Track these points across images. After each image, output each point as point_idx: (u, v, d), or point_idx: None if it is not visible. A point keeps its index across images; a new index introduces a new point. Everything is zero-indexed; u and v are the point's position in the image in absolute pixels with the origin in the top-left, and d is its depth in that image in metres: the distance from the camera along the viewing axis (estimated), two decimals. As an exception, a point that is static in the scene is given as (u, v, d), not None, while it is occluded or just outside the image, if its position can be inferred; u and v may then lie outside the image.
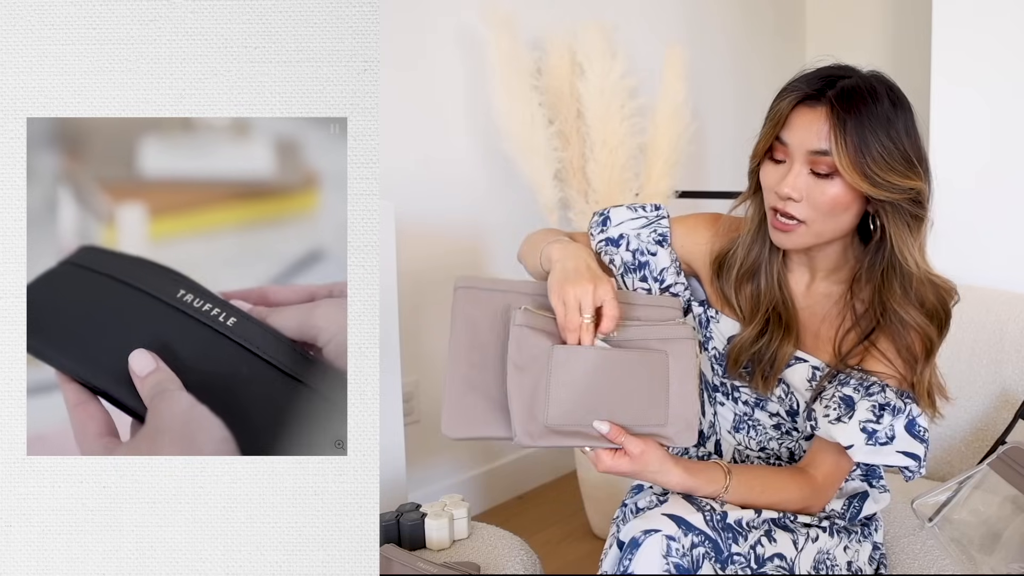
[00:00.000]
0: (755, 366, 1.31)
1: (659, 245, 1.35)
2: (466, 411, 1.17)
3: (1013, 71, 2.01)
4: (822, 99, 1.19)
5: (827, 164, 1.18)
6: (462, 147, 2.47)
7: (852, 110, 1.17)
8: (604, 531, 2.35)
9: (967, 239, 1.99)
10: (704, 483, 1.22)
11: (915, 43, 3.02)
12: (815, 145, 1.18)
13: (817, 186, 1.19)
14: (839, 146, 1.16)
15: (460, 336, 1.20)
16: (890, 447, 1.22)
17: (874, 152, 1.16)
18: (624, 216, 1.38)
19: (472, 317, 1.20)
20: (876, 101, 1.18)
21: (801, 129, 1.19)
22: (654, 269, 1.35)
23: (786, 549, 1.23)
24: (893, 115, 1.18)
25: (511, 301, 1.21)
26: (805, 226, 1.22)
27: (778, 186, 1.21)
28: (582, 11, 2.57)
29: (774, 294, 1.30)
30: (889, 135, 1.17)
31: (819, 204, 1.20)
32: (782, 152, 1.22)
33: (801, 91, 1.20)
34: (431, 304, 2.34)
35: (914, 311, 1.23)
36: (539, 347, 1.16)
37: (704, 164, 3.10)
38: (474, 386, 1.17)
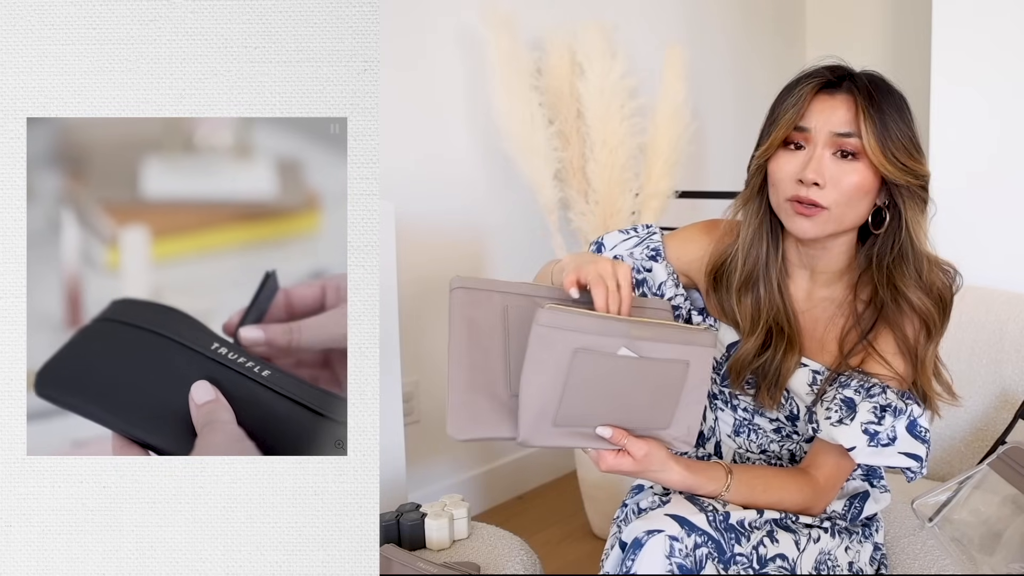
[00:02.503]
0: (760, 380, 1.31)
1: (653, 260, 1.36)
2: (471, 412, 1.15)
3: (1013, 71, 2.01)
4: (842, 86, 1.22)
5: (853, 145, 1.21)
6: (462, 147, 2.47)
7: (873, 96, 1.21)
8: (604, 531, 2.35)
9: (966, 239, 1.99)
10: (705, 481, 1.22)
11: (915, 43, 3.02)
12: (839, 128, 1.21)
13: (840, 170, 1.21)
14: (868, 127, 1.20)
15: (460, 337, 1.18)
16: (892, 448, 1.22)
17: (893, 136, 1.20)
18: (616, 239, 1.39)
19: (471, 317, 1.19)
20: (890, 91, 1.23)
21: (823, 114, 1.22)
22: (652, 284, 1.35)
23: (788, 550, 1.23)
24: (903, 104, 1.23)
25: (509, 302, 1.20)
26: (827, 212, 1.22)
27: (802, 172, 1.21)
28: (582, 11, 2.57)
29: (775, 303, 1.30)
30: (904, 121, 1.22)
31: (843, 187, 1.21)
32: (802, 138, 1.23)
33: (822, 76, 1.23)
34: (431, 304, 2.34)
35: (923, 295, 1.25)
36: (562, 348, 1.13)
37: (704, 164, 3.10)
38: (478, 387, 1.16)
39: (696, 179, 2.98)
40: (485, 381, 1.16)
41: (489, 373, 1.17)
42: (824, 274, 1.31)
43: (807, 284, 1.32)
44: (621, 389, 1.15)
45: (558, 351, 1.12)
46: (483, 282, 1.22)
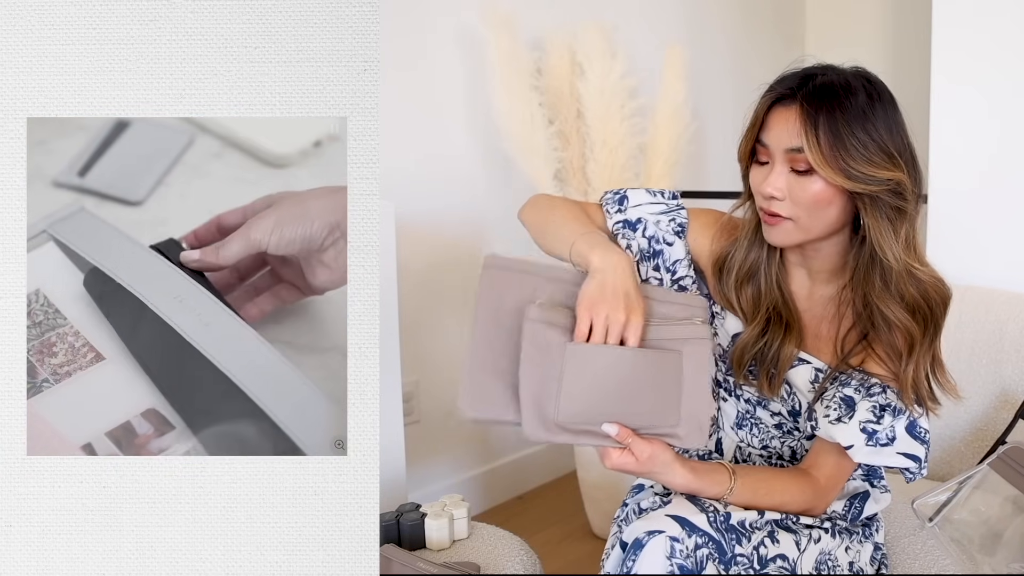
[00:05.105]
0: (760, 367, 1.31)
1: (676, 236, 1.34)
2: (485, 392, 1.16)
3: (1013, 71, 2.00)
4: (795, 97, 1.20)
5: (804, 161, 1.19)
6: (462, 147, 2.47)
7: (823, 106, 1.17)
8: (604, 531, 2.35)
9: (967, 239, 1.99)
10: (709, 485, 1.22)
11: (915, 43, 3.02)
12: (790, 143, 1.19)
13: (798, 183, 1.20)
14: (811, 142, 1.17)
15: (485, 317, 1.18)
16: (891, 448, 1.22)
17: (848, 145, 1.17)
18: (642, 198, 1.36)
19: (499, 299, 1.18)
20: (850, 95, 1.18)
21: (777, 128, 1.21)
22: (668, 259, 1.34)
23: (789, 550, 1.23)
24: (869, 109, 1.19)
25: (540, 286, 1.19)
26: (792, 223, 1.22)
27: (761, 187, 1.22)
28: (582, 11, 2.57)
29: (773, 295, 1.30)
30: (864, 128, 1.18)
31: (801, 201, 1.20)
32: (764, 154, 1.23)
33: (775, 92, 1.22)
34: (431, 304, 2.34)
35: (894, 306, 1.23)
36: (554, 343, 1.14)
37: (704, 164, 3.10)
38: (495, 369, 1.16)
39: (696, 179, 2.97)
40: (504, 365, 1.16)
41: (508, 358, 1.16)
42: (822, 273, 1.31)
43: (807, 282, 1.32)
44: (621, 384, 1.15)
45: (549, 346, 1.13)
46: (517, 263, 1.21)
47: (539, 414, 1.14)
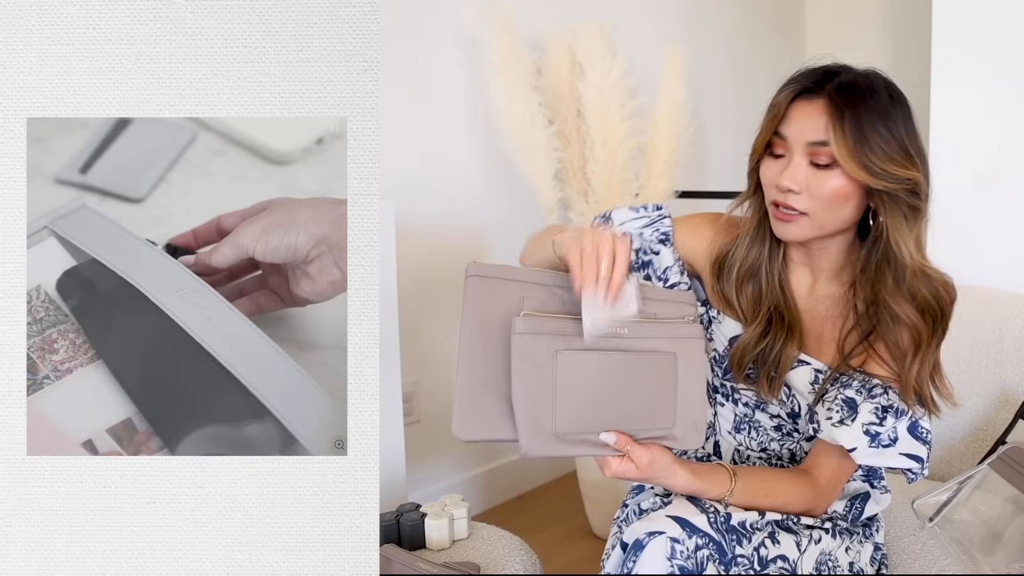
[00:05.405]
0: (760, 369, 1.30)
1: (662, 244, 1.35)
2: (478, 412, 1.13)
3: (1013, 71, 2.01)
4: (820, 92, 1.20)
5: (827, 155, 1.19)
6: (462, 147, 2.47)
7: (850, 102, 1.18)
8: (604, 531, 2.35)
9: (967, 239, 1.99)
10: (710, 486, 1.22)
11: (915, 43, 3.02)
12: (814, 136, 1.19)
13: (817, 177, 1.20)
14: (838, 136, 1.17)
15: (472, 331, 1.15)
16: (893, 449, 1.22)
17: (872, 142, 1.17)
18: (626, 216, 1.38)
19: (484, 310, 1.16)
20: (873, 95, 1.19)
21: (799, 122, 1.20)
22: (658, 268, 1.34)
23: (789, 551, 1.23)
24: (891, 108, 1.20)
25: (526, 292, 1.17)
26: (807, 217, 1.22)
27: (778, 179, 1.21)
28: (582, 11, 2.57)
29: (775, 294, 1.30)
30: (887, 126, 1.19)
31: (820, 195, 1.20)
32: (781, 146, 1.22)
33: (800, 84, 1.22)
34: (431, 304, 2.34)
35: (905, 304, 1.23)
36: (543, 353, 1.12)
37: (704, 164, 3.10)
38: (486, 385, 1.13)
39: (696, 179, 2.97)
40: (495, 379, 1.14)
41: (499, 372, 1.14)
42: (825, 272, 1.31)
43: (809, 281, 1.32)
44: (615, 390, 1.15)
45: (539, 357, 1.12)
46: (499, 269, 1.18)
47: (536, 428, 1.12)
